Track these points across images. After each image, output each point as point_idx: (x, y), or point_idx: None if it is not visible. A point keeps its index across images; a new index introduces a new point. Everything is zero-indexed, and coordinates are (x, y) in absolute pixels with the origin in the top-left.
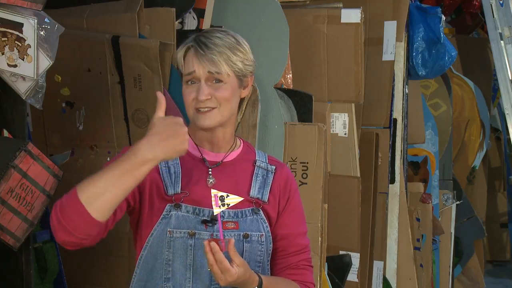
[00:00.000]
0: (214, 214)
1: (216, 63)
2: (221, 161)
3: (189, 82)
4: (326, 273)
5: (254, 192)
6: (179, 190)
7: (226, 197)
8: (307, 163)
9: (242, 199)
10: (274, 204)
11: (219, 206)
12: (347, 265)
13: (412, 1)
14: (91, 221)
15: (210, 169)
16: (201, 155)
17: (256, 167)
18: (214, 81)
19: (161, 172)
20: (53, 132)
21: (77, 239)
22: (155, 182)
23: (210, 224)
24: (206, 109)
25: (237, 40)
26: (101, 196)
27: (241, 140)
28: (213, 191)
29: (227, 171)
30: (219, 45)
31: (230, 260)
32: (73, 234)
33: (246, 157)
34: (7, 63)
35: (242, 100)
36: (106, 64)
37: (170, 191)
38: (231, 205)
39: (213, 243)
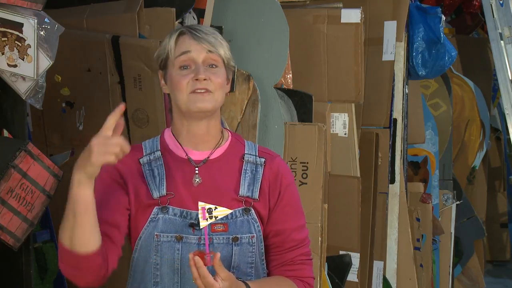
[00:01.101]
0: (201, 227)
1: (214, 45)
2: (207, 158)
3: (182, 68)
4: (326, 273)
5: (243, 191)
6: (164, 192)
7: (214, 209)
8: (307, 163)
9: (231, 211)
10: (265, 202)
11: (207, 219)
12: (347, 265)
13: (412, 1)
14: (81, 258)
15: (196, 168)
16: (186, 154)
17: (244, 162)
18: (208, 66)
19: (145, 175)
20: (53, 132)
21: (86, 278)
22: (140, 186)
23: (198, 228)
24: (203, 91)
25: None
26: (74, 233)
27: (230, 133)
28: (201, 204)
29: (213, 169)
30: (212, 32)
31: (215, 274)
32: (79, 276)
33: (234, 152)
34: (7, 63)
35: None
36: (106, 64)
37: (156, 194)
38: (219, 217)
39: (197, 258)
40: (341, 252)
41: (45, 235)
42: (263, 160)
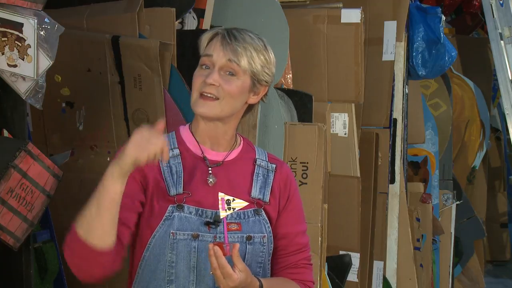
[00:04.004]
0: (220, 217)
1: (238, 54)
2: (222, 161)
3: (203, 66)
4: (326, 273)
5: (255, 193)
6: (181, 190)
7: (233, 201)
8: (307, 163)
9: (247, 203)
10: (275, 205)
11: (225, 210)
12: (347, 265)
13: (412, 1)
14: (94, 252)
15: (210, 168)
16: (202, 153)
17: (256, 166)
18: (227, 73)
19: (163, 172)
20: (53, 132)
21: (92, 272)
22: (158, 182)
23: (213, 226)
24: (209, 95)
25: (266, 47)
26: (92, 225)
27: (241, 138)
28: (220, 194)
29: (227, 170)
30: (247, 42)
31: (233, 265)
32: (85, 270)
33: (246, 156)
34: (7, 63)
35: (249, 106)
36: (106, 64)
37: (173, 192)
38: (236, 209)
39: (217, 248)
40: (341, 252)
41: (45, 235)
42: (274, 166)
